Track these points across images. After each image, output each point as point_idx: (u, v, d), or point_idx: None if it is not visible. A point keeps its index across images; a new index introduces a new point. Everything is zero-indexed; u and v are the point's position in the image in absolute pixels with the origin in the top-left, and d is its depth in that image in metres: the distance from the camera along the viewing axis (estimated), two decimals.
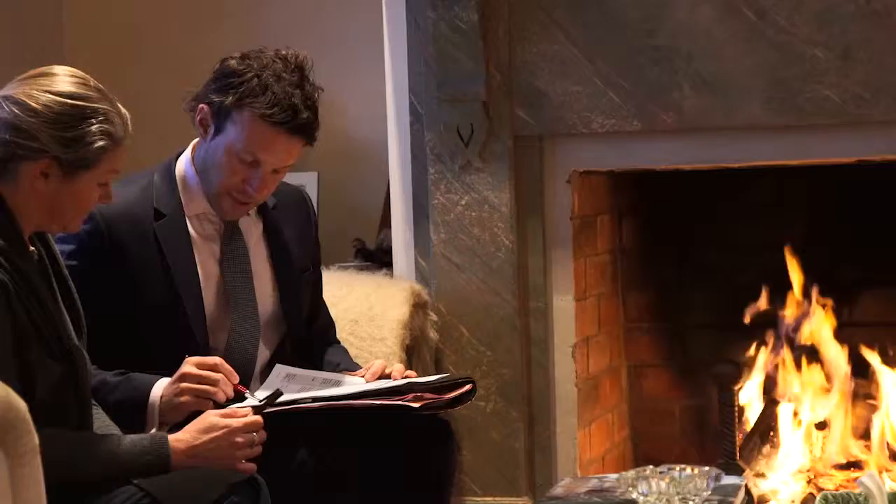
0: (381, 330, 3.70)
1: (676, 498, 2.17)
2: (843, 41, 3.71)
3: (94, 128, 2.50)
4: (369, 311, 3.74)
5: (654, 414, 4.51)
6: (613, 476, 2.65)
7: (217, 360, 2.80)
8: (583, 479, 2.72)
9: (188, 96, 3.00)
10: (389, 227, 4.51)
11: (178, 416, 2.76)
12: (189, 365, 2.77)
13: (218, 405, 2.74)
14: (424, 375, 3.02)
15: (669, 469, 2.27)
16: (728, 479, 2.51)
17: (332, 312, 3.29)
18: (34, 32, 4.77)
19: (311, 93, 2.93)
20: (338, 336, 3.30)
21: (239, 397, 2.81)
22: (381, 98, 4.22)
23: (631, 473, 2.29)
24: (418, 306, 3.89)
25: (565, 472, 4.00)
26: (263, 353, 3.03)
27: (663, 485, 2.19)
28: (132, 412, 2.76)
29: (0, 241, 2.44)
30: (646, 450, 4.49)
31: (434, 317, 3.94)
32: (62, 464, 2.37)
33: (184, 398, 2.75)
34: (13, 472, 2.04)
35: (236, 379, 2.80)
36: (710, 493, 2.25)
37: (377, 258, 4.47)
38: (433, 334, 3.92)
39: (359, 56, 4.61)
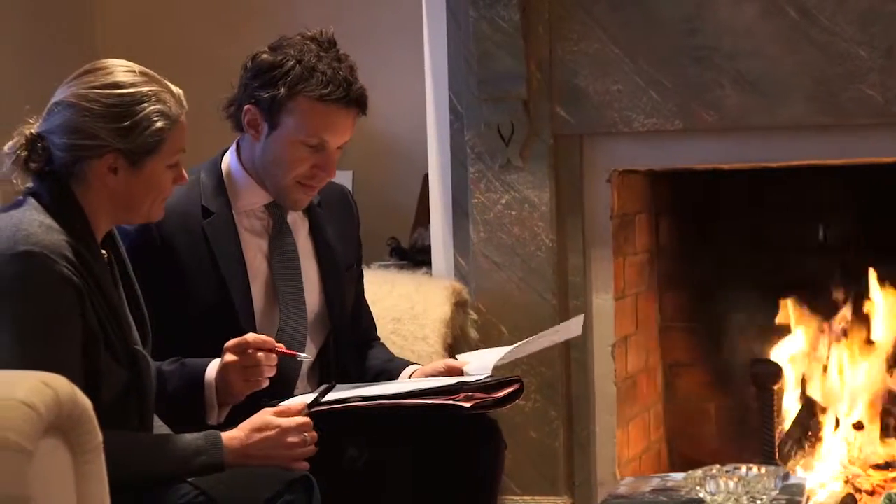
0: (424, 329, 3.70)
1: (745, 497, 2.16)
2: (886, 41, 3.70)
3: (147, 111, 2.50)
4: (411, 310, 3.74)
5: (690, 413, 4.50)
6: (677, 475, 2.65)
7: (249, 337, 2.74)
8: (645, 478, 2.71)
9: (221, 103, 3.00)
10: (424, 225, 4.51)
11: (235, 399, 2.76)
12: (228, 354, 2.74)
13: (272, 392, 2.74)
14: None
15: (735, 468, 2.26)
16: (794, 479, 2.50)
17: (374, 311, 3.29)
18: (67, 34, 4.77)
19: (352, 63, 2.94)
20: (380, 335, 3.29)
21: (286, 388, 2.83)
22: (415, 96, 4.21)
23: (699, 472, 2.28)
24: (459, 305, 3.89)
25: (604, 472, 4.00)
26: (310, 351, 3.03)
27: (731, 484, 2.18)
28: (191, 398, 2.76)
29: (76, 244, 2.45)
30: (681, 449, 4.48)
31: (474, 315, 3.94)
32: (118, 464, 2.36)
33: (237, 388, 2.74)
34: (77, 468, 2.05)
35: (273, 343, 2.76)
36: (777, 492, 2.24)
37: (411, 257, 4.47)
38: (473, 333, 3.92)
39: (393, 55, 4.60)
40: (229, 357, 2.74)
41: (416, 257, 4.43)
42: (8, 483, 1.91)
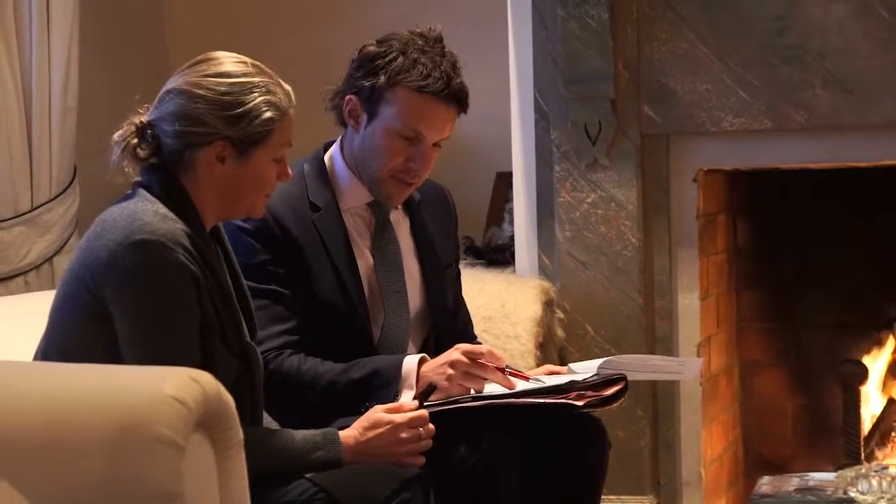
0: (515, 328, 3.70)
1: None
2: None
3: (257, 101, 2.50)
4: (502, 309, 3.74)
5: (767, 413, 4.49)
6: (819, 474, 2.64)
7: (485, 349, 2.83)
8: (784, 477, 2.70)
9: (326, 95, 3.00)
10: (497, 224, 4.50)
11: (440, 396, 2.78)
12: (458, 353, 2.80)
13: None
14: None
15: (883, 468, 2.25)
16: None
17: None
18: (137, 31, 4.78)
19: (456, 61, 2.95)
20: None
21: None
22: (488, 94, 4.20)
23: (850, 472, 2.28)
24: (547, 304, 3.88)
25: (689, 471, 4.00)
26: (411, 349, 3.03)
27: (885, 484, 2.17)
28: (384, 383, 2.81)
29: (192, 233, 2.45)
30: (757, 449, 4.47)
31: (561, 314, 3.94)
32: None
33: (446, 383, 2.78)
34: (220, 464, 2.05)
35: (503, 364, 2.82)
36: None
37: (486, 256, 4.47)
38: (560, 332, 3.92)
39: (471, 54, 4.58)
40: (460, 356, 2.79)
41: (490, 256, 4.43)
42: (162, 478, 1.92)
